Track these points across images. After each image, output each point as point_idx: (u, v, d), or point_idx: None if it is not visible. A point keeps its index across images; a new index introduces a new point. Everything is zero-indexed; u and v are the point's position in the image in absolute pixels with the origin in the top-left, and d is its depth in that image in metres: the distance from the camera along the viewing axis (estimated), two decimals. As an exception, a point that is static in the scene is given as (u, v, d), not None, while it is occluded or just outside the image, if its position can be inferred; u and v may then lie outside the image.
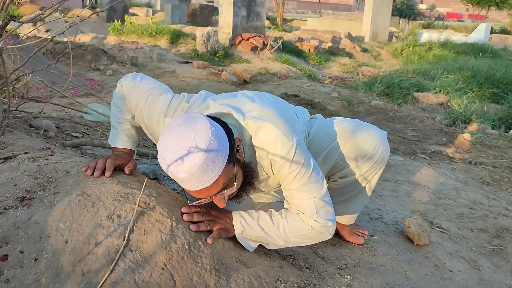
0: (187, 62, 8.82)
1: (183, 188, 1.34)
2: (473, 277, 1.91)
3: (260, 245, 1.55)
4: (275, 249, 1.69)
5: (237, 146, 1.36)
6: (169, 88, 1.67)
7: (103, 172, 1.52)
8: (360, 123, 1.77)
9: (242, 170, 1.40)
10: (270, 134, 1.38)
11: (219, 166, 1.24)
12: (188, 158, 1.19)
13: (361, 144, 1.69)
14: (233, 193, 1.41)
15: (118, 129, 1.69)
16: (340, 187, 1.81)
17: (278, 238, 1.47)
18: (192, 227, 1.41)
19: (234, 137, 1.35)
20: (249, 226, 1.47)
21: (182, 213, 1.45)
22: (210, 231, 1.45)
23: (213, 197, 1.33)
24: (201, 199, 1.34)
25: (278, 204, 1.69)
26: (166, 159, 1.22)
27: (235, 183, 1.34)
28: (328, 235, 1.50)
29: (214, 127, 1.25)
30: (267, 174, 1.51)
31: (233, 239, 1.51)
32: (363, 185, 1.79)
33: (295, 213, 1.48)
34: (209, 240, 1.40)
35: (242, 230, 1.47)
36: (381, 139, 1.72)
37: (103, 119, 3.69)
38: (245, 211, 1.53)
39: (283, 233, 1.46)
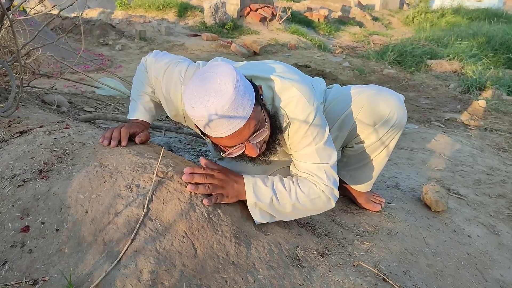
0: (196, 35, 8.73)
1: (212, 142, 1.33)
2: (492, 242, 1.90)
3: None
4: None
5: (261, 94, 1.33)
6: (187, 59, 1.64)
7: (119, 143, 1.52)
8: (375, 88, 1.73)
9: (269, 117, 1.36)
10: (292, 97, 1.36)
11: (249, 105, 1.21)
12: (218, 98, 1.16)
13: (377, 108, 1.66)
14: (264, 139, 1.35)
15: (137, 102, 1.68)
16: (356, 154, 1.79)
17: (288, 204, 1.43)
18: (190, 187, 1.36)
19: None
20: (261, 193, 1.42)
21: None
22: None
23: (246, 143, 1.29)
24: (233, 147, 1.30)
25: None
26: (195, 105, 1.19)
27: (266, 123, 1.31)
28: (333, 203, 1.50)
29: (236, 70, 1.23)
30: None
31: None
32: (380, 150, 1.76)
33: (305, 178, 1.46)
34: (205, 201, 1.35)
35: (255, 201, 1.42)
36: (397, 103, 1.68)
37: (115, 93, 3.68)
38: (256, 176, 1.48)
39: (294, 198, 1.43)
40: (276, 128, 1.40)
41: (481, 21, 12.91)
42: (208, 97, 1.17)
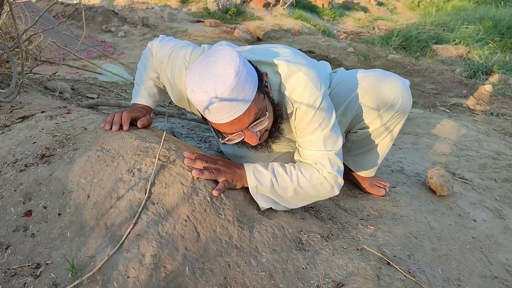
0: (199, 21, 8.67)
1: (213, 128, 1.30)
2: (498, 226, 1.89)
3: None
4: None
5: (265, 82, 1.31)
6: (192, 43, 1.62)
7: (121, 127, 1.51)
8: (380, 72, 1.70)
9: (272, 106, 1.34)
10: (299, 82, 1.34)
11: (250, 92, 1.19)
12: (219, 84, 1.15)
13: (382, 93, 1.63)
14: (265, 128, 1.34)
15: (141, 86, 1.66)
16: (360, 139, 1.77)
17: (290, 189, 1.42)
18: (195, 173, 1.34)
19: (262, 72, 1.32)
20: (262, 177, 1.41)
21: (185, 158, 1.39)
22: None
23: (245, 131, 1.27)
24: (233, 134, 1.29)
25: (293, 155, 1.65)
26: (195, 90, 1.17)
27: (267, 112, 1.29)
28: (337, 190, 1.48)
29: (240, 56, 1.21)
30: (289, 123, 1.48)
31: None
32: (384, 136, 1.74)
33: (308, 164, 1.45)
34: (215, 193, 1.33)
35: (256, 185, 1.41)
36: (402, 87, 1.65)
37: (117, 80, 3.66)
38: (257, 163, 1.47)
39: (296, 182, 1.41)
40: (280, 117, 1.38)
41: (488, 5, 12.72)
42: (209, 82, 1.16)
